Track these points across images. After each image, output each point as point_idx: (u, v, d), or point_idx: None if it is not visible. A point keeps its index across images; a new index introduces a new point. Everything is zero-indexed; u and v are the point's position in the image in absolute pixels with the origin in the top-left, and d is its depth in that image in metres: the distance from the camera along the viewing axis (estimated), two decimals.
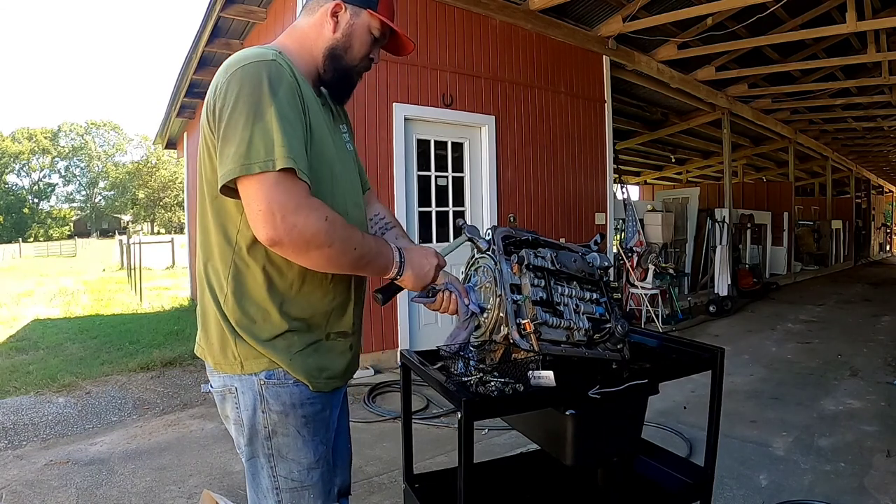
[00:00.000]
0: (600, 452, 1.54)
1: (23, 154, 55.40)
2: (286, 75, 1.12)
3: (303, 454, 1.20)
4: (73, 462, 3.05)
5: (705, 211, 9.25)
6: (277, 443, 1.19)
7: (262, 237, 1.05)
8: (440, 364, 1.50)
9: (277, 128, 1.05)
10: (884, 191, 24.38)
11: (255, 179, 1.04)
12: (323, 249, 1.08)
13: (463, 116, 5.34)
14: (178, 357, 5.19)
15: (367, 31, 1.28)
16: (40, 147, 57.18)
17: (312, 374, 1.20)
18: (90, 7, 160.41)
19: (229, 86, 1.09)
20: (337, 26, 1.26)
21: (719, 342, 5.76)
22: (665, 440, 3.06)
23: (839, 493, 2.58)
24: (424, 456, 2.98)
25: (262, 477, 1.20)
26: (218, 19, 5.52)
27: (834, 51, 7.74)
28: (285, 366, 1.17)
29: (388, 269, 1.23)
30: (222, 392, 1.23)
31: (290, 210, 1.04)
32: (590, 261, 1.52)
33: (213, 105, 1.11)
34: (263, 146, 1.04)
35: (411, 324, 4.95)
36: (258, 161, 1.03)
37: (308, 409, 1.20)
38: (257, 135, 1.04)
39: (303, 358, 1.19)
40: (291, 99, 1.11)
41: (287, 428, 1.18)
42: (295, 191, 1.05)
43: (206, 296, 1.22)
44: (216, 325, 1.19)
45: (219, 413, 1.29)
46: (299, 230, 1.04)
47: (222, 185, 1.06)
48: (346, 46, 1.27)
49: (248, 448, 1.20)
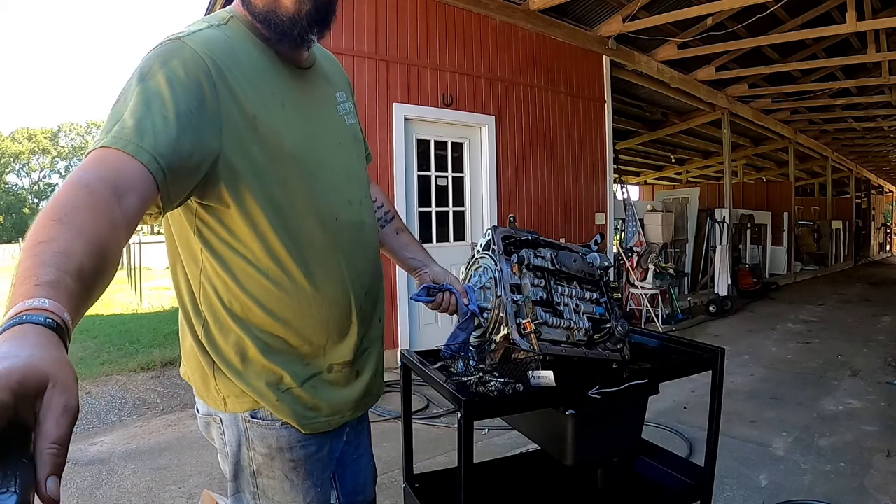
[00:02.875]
0: (600, 452, 1.54)
1: (23, 154, 55.42)
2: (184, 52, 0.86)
3: (290, 498, 1.03)
4: (73, 462, 3.05)
5: (705, 211, 9.25)
6: (263, 483, 1.03)
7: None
8: (440, 364, 1.50)
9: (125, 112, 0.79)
10: (884, 191, 24.38)
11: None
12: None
13: (463, 116, 5.34)
14: (178, 357, 5.17)
15: None
16: (40, 147, 57.19)
17: (306, 417, 1.01)
18: (90, 7, 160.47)
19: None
20: None
21: (719, 342, 5.76)
22: (665, 440, 3.06)
23: (839, 493, 2.58)
24: (424, 456, 2.98)
25: None
26: None
27: (834, 51, 7.74)
28: (271, 407, 0.99)
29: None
30: (206, 419, 1.09)
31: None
32: (590, 261, 1.52)
33: None
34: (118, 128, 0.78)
35: (411, 324, 4.95)
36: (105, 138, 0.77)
37: (298, 453, 1.02)
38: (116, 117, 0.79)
39: (292, 398, 1.00)
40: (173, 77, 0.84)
41: (273, 471, 1.02)
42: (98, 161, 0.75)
43: (181, 319, 1.05)
44: (193, 355, 1.03)
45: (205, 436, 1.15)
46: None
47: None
48: (268, 7, 0.96)
49: (233, 483, 1.06)
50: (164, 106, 0.80)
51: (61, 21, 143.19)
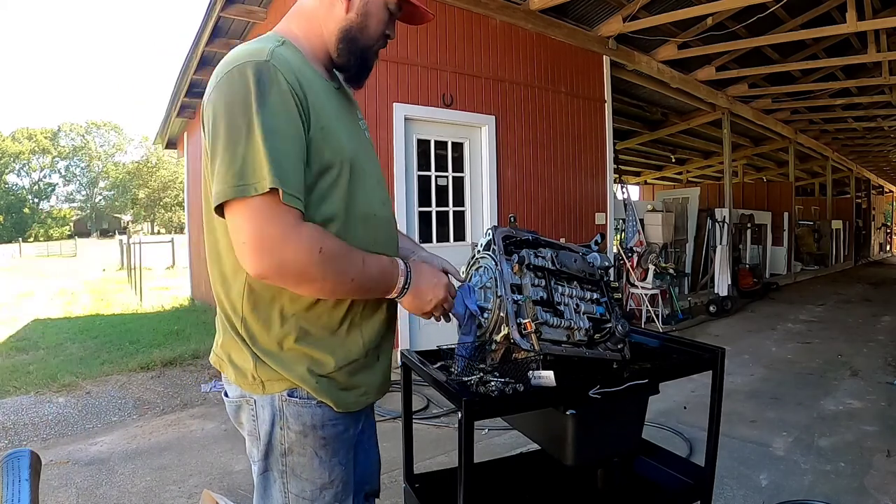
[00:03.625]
0: (601, 452, 1.54)
1: (23, 154, 55.45)
2: (280, 78, 0.99)
3: (317, 474, 1.12)
4: (73, 462, 3.05)
5: (705, 211, 9.25)
6: (292, 461, 1.11)
7: (249, 271, 0.98)
8: (440, 364, 1.50)
9: (263, 146, 0.94)
10: (884, 191, 24.39)
11: (239, 205, 0.95)
12: (314, 283, 1.00)
13: (463, 116, 5.34)
14: (178, 357, 5.19)
15: (384, 7, 1.17)
16: (40, 147, 57.23)
17: (340, 396, 1.11)
18: (90, 7, 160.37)
19: (217, 94, 1.00)
20: (350, 5, 1.14)
21: (719, 342, 5.75)
22: (665, 440, 3.06)
23: (839, 493, 2.58)
24: (425, 456, 2.98)
25: (273, 491, 1.15)
26: (218, 19, 5.52)
27: (834, 51, 7.74)
28: (311, 389, 1.07)
29: (389, 293, 1.13)
30: (238, 402, 1.15)
31: (277, 242, 0.94)
32: (590, 261, 1.52)
33: (203, 115, 1.03)
34: (247, 166, 0.94)
35: (411, 324, 4.95)
36: (241, 184, 0.93)
37: (329, 431, 1.11)
38: (241, 153, 0.94)
39: (330, 381, 1.09)
40: (284, 106, 0.98)
41: (304, 448, 1.10)
42: (281, 218, 0.95)
43: (221, 312, 1.14)
44: (233, 344, 1.11)
45: (229, 416, 1.21)
46: (287, 265, 0.96)
47: (214, 207, 0.98)
48: (361, 26, 1.15)
49: (262, 462, 1.13)
50: (284, 142, 0.97)
51: (61, 21, 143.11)
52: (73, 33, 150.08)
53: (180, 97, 8.11)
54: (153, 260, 17.70)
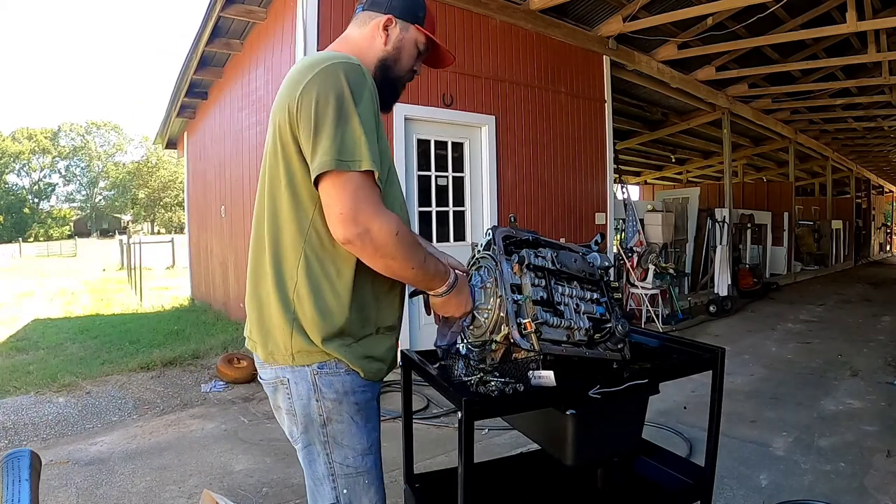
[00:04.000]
0: (601, 452, 1.54)
1: (23, 154, 55.42)
2: (369, 80, 1.18)
3: (357, 440, 1.24)
4: (73, 462, 3.05)
5: (705, 211, 9.25)
6: (332, 430, 1.22)
7: (337, 236, 1.12)
8: (440, 364, 1.50)
9: (361, 131, 1.12)
10: (884, 191, 24.37)
11: (341, 178, 1.10)
12: (386, 260, 1.15)
13: (463, 116, 5.34)
14: (178, 357, 5.19)
15: (414, 45, 1.38)
16: (40, 147, 57.21)
17: (363, 364, 1.23)
18: (90, 7, 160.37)
19: (318, 84, 1.14)
20: (388, 39, 1.34)
21: (719, 342, 5.75)
22: (665, 440, 3.06)
23: (839, 493, 2.58)
24: (424, 456, 2.98)
25: (318, 464, 1.24)
26: (218, 19, 5.52)
27: (834, 51, 7.74)
28: (339, 355, 1.20)
29: (433, 289, 1.28)
30: (274, 383, 1.26)
31: (368, 215, 1.10)
32: (590, 261, 1.52)
33: (298, 100, 1.14)
34: (352, 146, 1.11)
35: (411, 324, 4.95)
36: (347, 159, 1.10)
37: (360, 397, 1.24)
38: (346, 134, 1.11)
39: (354, 350, 1.22)
40: (371, 104, 1.17)
41: (341, 415, 1.22)
42: (374, 197, 1.13)
43: (267, 286, 1.23)
44: (277, 314, 1.21)
45: (270, 404, 1.32)
46: (371, 238, 1.11)
47: (316, 175, 1.11)
48: (395, 58, 1.35)
49: (304, 436, 1.24)
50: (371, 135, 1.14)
51: (61, 21, 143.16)
52: (73, 33, 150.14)
53: (180, 97, 8.10)
54: (153, 260, 17.70)
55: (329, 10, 4.54)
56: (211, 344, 5.61)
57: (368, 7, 1.37)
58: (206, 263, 8.64)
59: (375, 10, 1.35)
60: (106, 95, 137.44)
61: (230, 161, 7.03)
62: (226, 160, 7.25)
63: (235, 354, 4.76)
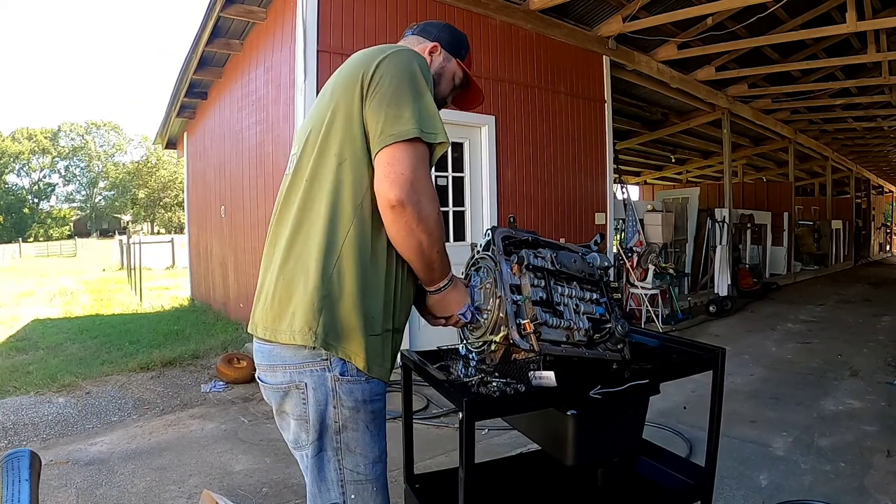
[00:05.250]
0: (601, 453, 1.54)
1: (23, 154, 55.38)
2: (431, 75, 1.28)
3: (369, 448, 1.23)
4: (73, 462, 3.05)
5: (705, 211, 9.25)
6: (346, 437, 1.21)
7: (389, 196, 1.12)
8: (440, 364, 1.50)
9: (434, 109, 1.20)
10: (884, 191, 24.38)
11: (415, 146, 1.15)
12: (421, 235, 1.17)
13: (463, 116, 5.33)
14: (178, 357, 5.19)
15: (452, 77, 1.48)
16: (40, 147, 57.16)
17: (378, 362, 1.23)
18: (90, 7, 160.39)
19: (394, 61, 1.21)
20: (431, 64, 1.41)
21: (719, 342, 5.76)
22: (665, 440, 3.06)
23: (839, 493, 2.58)
24: (425, 456, 2.98)
25: (328, 470, 1.22)
26: (218, 19, 5.52)
27: (834, 51, 7.74)
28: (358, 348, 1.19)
29: (429, 284, 1.30)
30: (286, 388, 1.23)
31: (424, 185, 1.15)
32: (590, 261, 1.52)
33: (373, 74, 1.19)
34: (428, 119, 1.17)
35: (411, 323, 4.95)
36: (428, 130, 1.16)
37: (377, 405, 1.24)
38: (423, 108, 1.18)
39: (373, 344, 1.21)
40: (432, 94, 1.24)
41: (357, 423, 1.21)
42: (429, 173, 1.18)
43: (301, 264, 1.20)
44: (315, 290, 1.17)
45: (274, 409, 1.29)
46: (420, 208, 1.14)
47: (390, 143, 1.14)
48: (434, 83, 1.39)
49: (317, 443, 1.22)
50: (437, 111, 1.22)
51: (61, 21, 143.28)
52: (73, 33, 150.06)
53: (180, 97, 8.10)
54: (153, 260, 17.69)
55: (329, 10, 4.54)
56: (211, 344, 5.61)
57: (419, 32, 1.47)
58: (205, 263, 8.64)
59: (425, 36, 1.46)
60: (106, 95, 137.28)
61: (230, 161, 7.03)
62: (226, 160, 7.25)
63: (235, 354, 4.76)
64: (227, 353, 5.00)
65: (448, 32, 1.49)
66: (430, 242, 1.18)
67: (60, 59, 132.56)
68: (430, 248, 1.19)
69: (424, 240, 1.17)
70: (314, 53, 4.45)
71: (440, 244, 1.21)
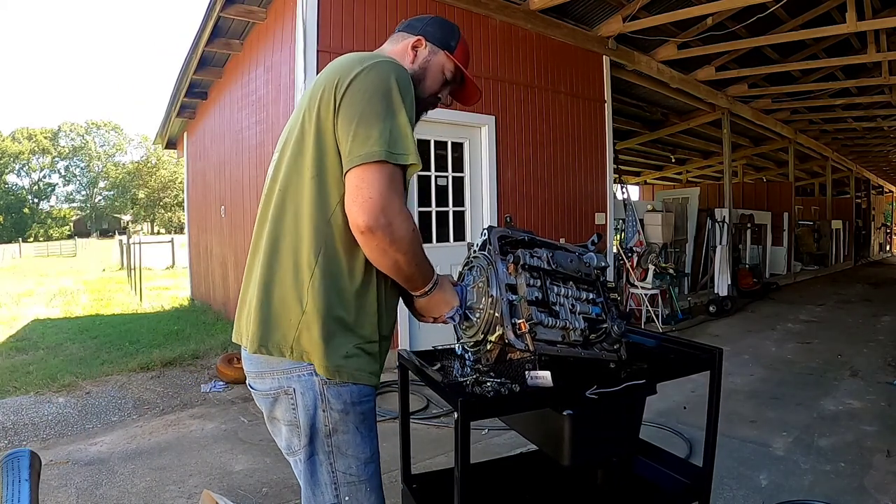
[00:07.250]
0: (598, 453, 1.54)
1: (23, 154, 55.41)
2: (413, 87, 1.22)
3: (360, 450, 1.24)
4: (73, 462, 3.05)
5: (705, 211, 9.25)
6: (337, 440, 1.22)
7: (358, 222, 1.11)
8: (437, 364, 1.50)
9: (408, 126, 1.15)
10: (884, 191, 24.36)
11: (383, 167, 1.11)
12: (397, 255, 1.15)
13: (463, 116, 5.34)
14: (178, 357, 5.19)
15: (441, 71, 1.41)
16: (40, 147, 57.19)
17: (365, 372, 1.23)
18: (90, 7, 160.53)
19: (369, 77, 1.16)
20: (415, 58, 1.38)
21: (719, 342, 5.76)
22: (665, 440, 3.06)
23: (839, 493, 2.58)
24: (424, 456, 2.98)
25: (320, 473, 1.23)
26: (218, 19, 5.52)
27: (834, 51, 7.74)
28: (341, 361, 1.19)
29: (416, 291, 1.28)
30: (275, 394, 1.24)
31: (395, 207, 1.11)
32: (587, 261, 1.52)
33: (346, 89, 1.15)
34: (399, 139, 1.13)
35: (410, 323, 4.95)
36: (396, 151, 1.12)
37: (365, 407, 1.25)
38: (395, 127, 1.13)
39: (361, 352, 1.22)
40: (412, 108, 1.20)
41: (347, 425, 1.22)
42: (401, 193, 1.14)
43: (278, 277, 1.21)
44: (292, 305, 1.18)
45: (266, 416, 1.30)
46: (392, 231, 1.11)
47: (357, 164, 1.11)
48: (419, 78, 1.36)
49: (308, 447, 1.22)
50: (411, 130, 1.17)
51: (61, 21, 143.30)
52: (73, 33, 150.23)
53: (180, 97, 8.11)
54: (153, 260, 17.70)
55: (329, 10, 4.54)
56: (211, 344, 5.61)
57: (404, 28, 1.43)
58: (205, 263, 8.65)
59: (410, 31, 1.41)
60: (106, 95, 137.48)
61: (230, 161, 7.03)
62: (226, 160, 7.26)
63: (235, 354, 4.76)
64: (227, 353, 5.01)
65: (434, 25, 1.44)
66: (407, 260, 1.17)
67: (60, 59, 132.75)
68: (407, 265, 1.18)
69: (400, 258, 1.15)
70: (314, 53, 4.46)
71: (418, 258, 1.19)
